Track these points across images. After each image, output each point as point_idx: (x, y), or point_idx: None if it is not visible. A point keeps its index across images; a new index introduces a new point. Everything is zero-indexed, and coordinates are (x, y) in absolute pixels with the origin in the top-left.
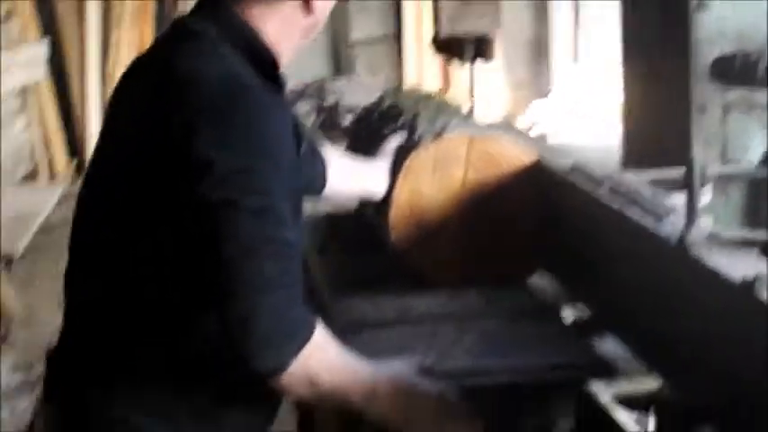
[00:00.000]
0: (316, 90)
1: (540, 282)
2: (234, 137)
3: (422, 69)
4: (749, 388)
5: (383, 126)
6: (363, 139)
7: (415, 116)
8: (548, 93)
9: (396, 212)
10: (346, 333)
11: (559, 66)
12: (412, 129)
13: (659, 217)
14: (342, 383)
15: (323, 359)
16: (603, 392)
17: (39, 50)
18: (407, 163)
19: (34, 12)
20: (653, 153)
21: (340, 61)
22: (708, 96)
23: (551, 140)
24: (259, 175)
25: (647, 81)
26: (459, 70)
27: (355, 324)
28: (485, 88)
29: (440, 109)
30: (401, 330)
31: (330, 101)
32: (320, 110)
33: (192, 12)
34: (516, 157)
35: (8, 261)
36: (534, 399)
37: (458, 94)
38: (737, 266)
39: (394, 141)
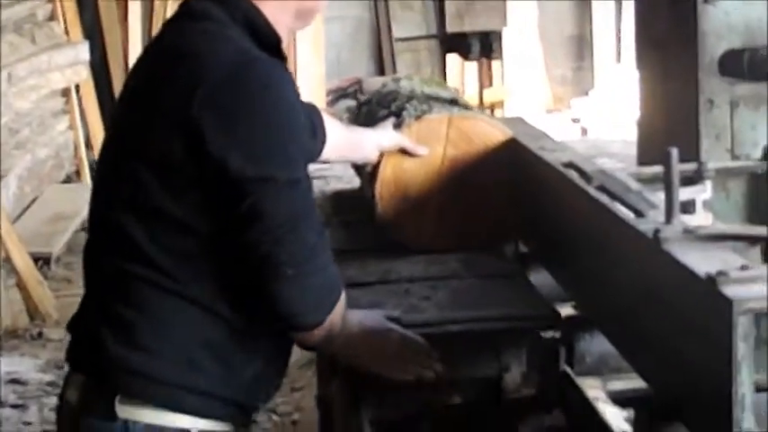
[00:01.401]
0: (354, 89)
1: (539, 278)
2: (253, 109)
3: (463, 68)
4: (711, 382)
5: (379, 110)
6: (362, 121)
7: (408, 100)
8: (589, 91)
9: (381, 187)
10: None
11: (602, 65)
12: (400, 112)
13: (641, 213)
14: (339, 331)
15: (340, 311)
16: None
17: (81, 51)
18: None
19: (77, 13)
20: (664, 148)
21: (383, 60)
22: (715, 91)
23: (590, 136)
24: (284, 145)
25: (659, 76)
26: (498, 69)
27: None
28: (525, 84)
29: (431, 95)
30: (380, 289)
31: (364, 99)
32: (358, 107)
33: None
34: (492, 134)
35: (45, 260)
36: (489, 346)
37: (496, 91)
38: (709, 262)
39: (386, 123)
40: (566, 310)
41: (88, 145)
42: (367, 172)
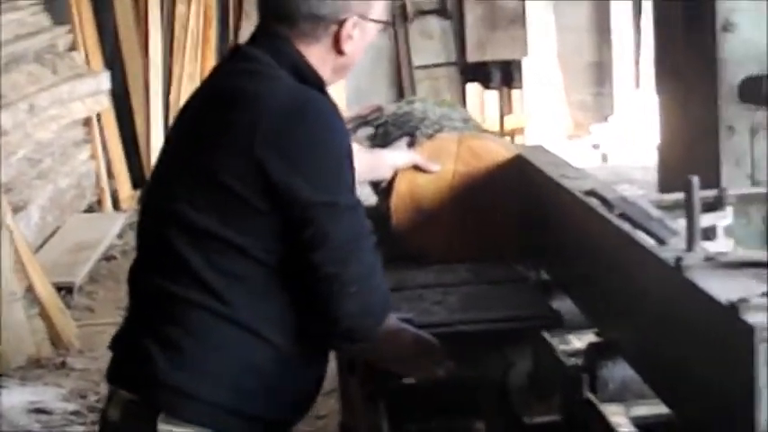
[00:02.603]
0: (375, 116)
1: (561, 305)
2: (313, 141)
3: (482, 95)
4: (733, 408)
5: (394, 130)
6: (378, 141)
7: (421, 121)
8: (609, 116)
9: (396, 201)
10: None
11: (621, 90)
12: (414, 132)
13: (662, 240)
14: None
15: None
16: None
17: (102, 81)
18: None
19: (98, 43)
20: (685, 174)
21: (402, 88)
22: (735, 117)
23: (610, 162)
24: (342, 173)
25: (678, 103)
26: (518, 96)
27: None
28: (545, 111)
29: (443, 116)
30: (395, 295)
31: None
32: (375, 128)
33: (248, 42)
34: (499, 152)
35: (68, 290)
36: (495, 345)
37: (516, 118)
38: (730, 289)
39: (400, 143)
40: (588, 338)
41: (110, 174)
42: (382, 188)
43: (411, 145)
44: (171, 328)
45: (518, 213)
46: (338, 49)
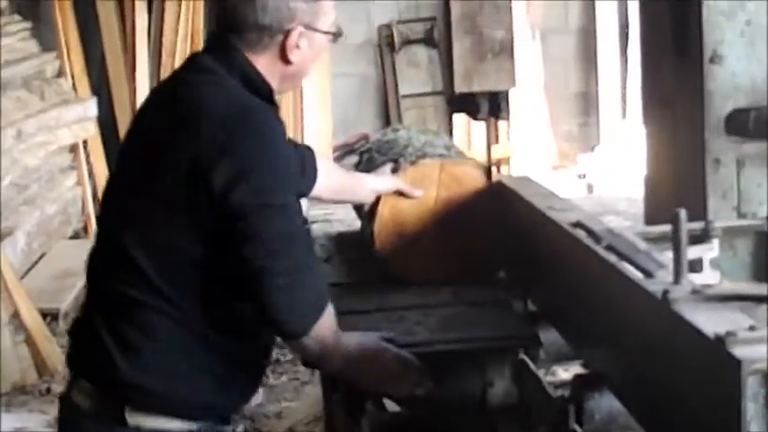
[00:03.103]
0: (361, 144)
1: (548, 336)
2: (252, 150)
3: (469, 124)
4: None
5: (378, 157)
6: (363, 167)
7: (405, 148)
8: (595, 146)
9: (379, 225)
10: None
11: (608, 121)
12: (398, 158)
13: (649, 273)
14: (334, 347)
15: (329, 325)
16: None
17: (89, 108)
18: None
19: (85, 69)
20: (671, 207)
21: (389, 117)
22: (722, 150)
23: (596, 192)
24: (275, 178)
25: (665, 134)
26: (504, 126)
27: (341, 312)
28: (532, 141)
29: (427, 143)
30: (377, 316)
31: (365, 148)
32: (359, 155)
33: (203, 51)
34: (480, 178)
35: (54, 316)
36: (475, 363)
37: (503, 148)
38: (717, 322)
39: (384, 168)
40: (574, 369)
41: (96, 201)
42: (366, 212)
43: (395, 171)
44: (129, 330)
45: (499, 238)
46: (285, 59)
